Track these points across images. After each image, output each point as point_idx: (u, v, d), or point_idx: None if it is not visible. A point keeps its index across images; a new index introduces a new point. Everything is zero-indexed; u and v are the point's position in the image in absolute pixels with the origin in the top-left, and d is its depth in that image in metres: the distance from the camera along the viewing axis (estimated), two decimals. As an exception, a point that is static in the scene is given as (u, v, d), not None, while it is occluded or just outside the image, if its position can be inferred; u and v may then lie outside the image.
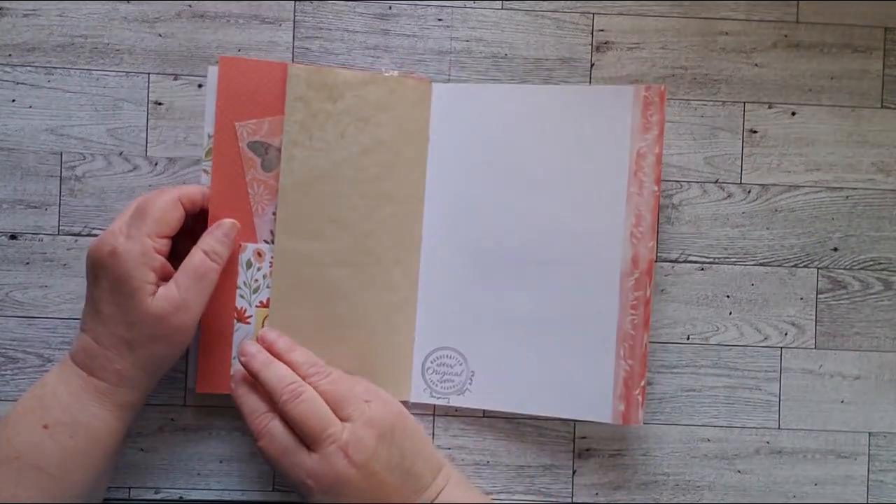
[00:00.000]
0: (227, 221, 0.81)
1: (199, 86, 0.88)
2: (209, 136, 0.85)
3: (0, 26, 0.87)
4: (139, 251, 0.74)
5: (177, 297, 0.75)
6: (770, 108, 0.90)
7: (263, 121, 0.84)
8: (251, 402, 0.78)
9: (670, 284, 0.90)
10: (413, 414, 0.88)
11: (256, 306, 0.85)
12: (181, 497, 0.88)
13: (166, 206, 0.77)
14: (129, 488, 0.87)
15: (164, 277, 0.77)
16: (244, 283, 0.84)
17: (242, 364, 0.78)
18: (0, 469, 0.72)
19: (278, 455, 0.75)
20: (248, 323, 0.85)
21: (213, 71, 0.84)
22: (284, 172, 0.84)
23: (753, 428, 0.90)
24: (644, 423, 0.89)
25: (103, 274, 0.75)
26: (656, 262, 0.90)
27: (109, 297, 0.75)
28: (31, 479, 0.72)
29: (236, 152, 0.84)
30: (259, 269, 0.84)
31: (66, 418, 0.74)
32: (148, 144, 0.88)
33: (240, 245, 0.84)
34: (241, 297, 0.84)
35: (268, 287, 0.84)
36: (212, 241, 0.79)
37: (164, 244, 0.77)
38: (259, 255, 0.84)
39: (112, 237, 0.75)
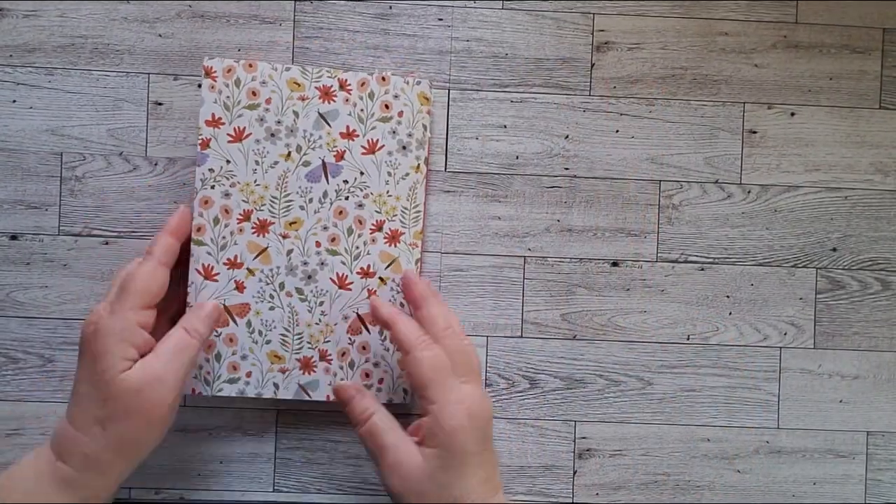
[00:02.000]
0: (210, 304, 0.80)
1: (199, 86, 0.88)
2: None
3: (0, 27, 0.87)
4: (120, 327, 0.73)
5: (154, 369, 0.73)
6: (769, 108, 0.91)
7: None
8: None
9: (670, 284, 0.90)
10: (411, 414, 0.89)
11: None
12: (182, 497, 0.88)
13: (147, 276, 0.76)
14: (130, 489, 0.87)
15: (147, 352, 0.75)
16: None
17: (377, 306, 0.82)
18: None
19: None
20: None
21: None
22: None
23: (753, 428, 0.91)
24: (644, 423, 0.89)
25: (85, 351, 0.74)
26: (657, 262, 0.90)
27: (87, 376, 0.73)
28: None
29: None
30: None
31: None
32: (148, 145, 0.88)
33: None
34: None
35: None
36: (193, 319, 0.78)
37: (149, 315, 0.76)
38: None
39: (96, 315, 0.74)
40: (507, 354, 0.89)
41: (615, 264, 0.90)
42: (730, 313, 0.91)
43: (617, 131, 0.90)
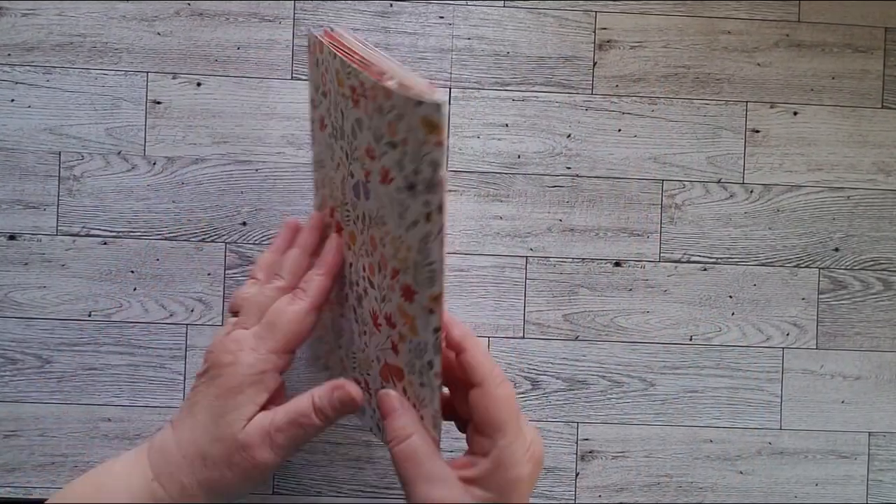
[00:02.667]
0: (351, 392, 0.70)
1: (198, 84, 0.88)
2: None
3: (-2, 25, 0.87)
4: (261, 369, 0.70)
5: (267, 432, 0.69)
6: (772, 107, 0.90)
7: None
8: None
9: (673, 285, 0.90)
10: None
11: None
12: (181, 499, 0.88)
13: (299, 319, 0.71)
14: None
15: (274, 398, 0.72)
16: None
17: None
18: None
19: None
20: None
21: None
22: None
23: (755, 429, 0.90)
24: (647, 425, 0.89)
25: (216, 376, 0.70)
26: (659, 262, 0.90)
27: (210, 404, 0.70)
28: None
29: None
30: None
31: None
32: (146, 144, 0.88)
33: None
34: None
35: None
36: (326, 401, 0.70)
37: (289, 359, 0.72)
38: None
39: (236, 345, 0.70)
40: (508, 355, 0.89)
41: (617, 264, 0.90)
42: (732, 313, 0.90)
43: (619, 130, 0.89)
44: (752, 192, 0.90)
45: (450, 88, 0.89)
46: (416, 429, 0.68)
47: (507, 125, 0.89)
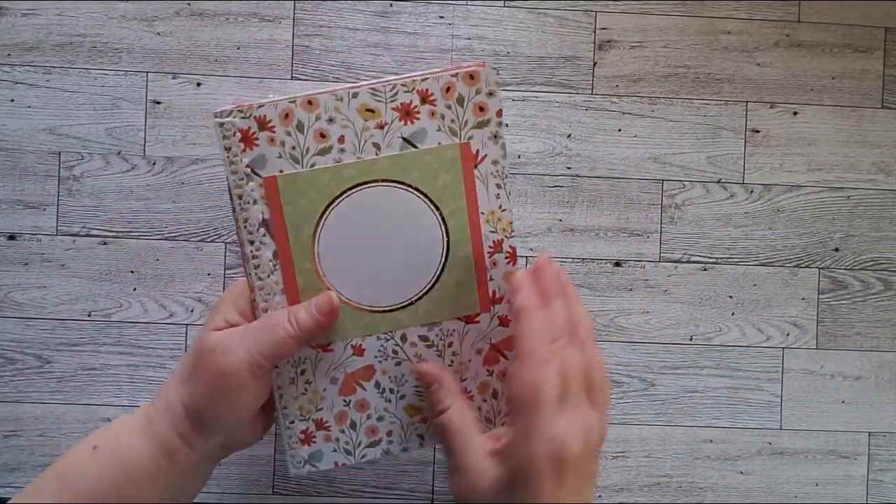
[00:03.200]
0: (326, 294, 0.72)
1: (198, 84, 0.88)
2: None
3: (-2, 25, 0.87)
4: (236, 292, 0.73)
5: (235, 335, 0.69)
6: (772, 107, 0.90)
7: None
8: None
9: (673, 285, 0.90)
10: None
11: None
12: (181, 499, 0.88)
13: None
14: None
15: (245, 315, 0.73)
16: None
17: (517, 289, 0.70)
18: (48, 487, 0.69)
19: None
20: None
21: None
22: None
23: (756, 429, 0.90)
24: (647, 425, 0.89)
25: (200, 354, 0.70)
26: (659, 262, 0.90)
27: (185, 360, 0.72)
28: (67, 500, 0.68)
29: None
30: None
31: (111, 442, 0.70)
32: (146, 144, 0.88)
33: None
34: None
35: None
36: (300, 308, 0.71)
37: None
38: None
39: (227, 339, 0.70)
40: (508, 355, 0.89)
41: (617, 264, 0.90)
42: (732, 314, 0.90)
43: (619, 130, 0.89)
44: (752, 192, 0.90)
45: (450, 88, 0.89)
46: (454, 401, 0.72)
47: (507, 125, 0.89)
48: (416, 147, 0.72)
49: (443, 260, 0.74)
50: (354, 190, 0.72)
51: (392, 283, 0.74)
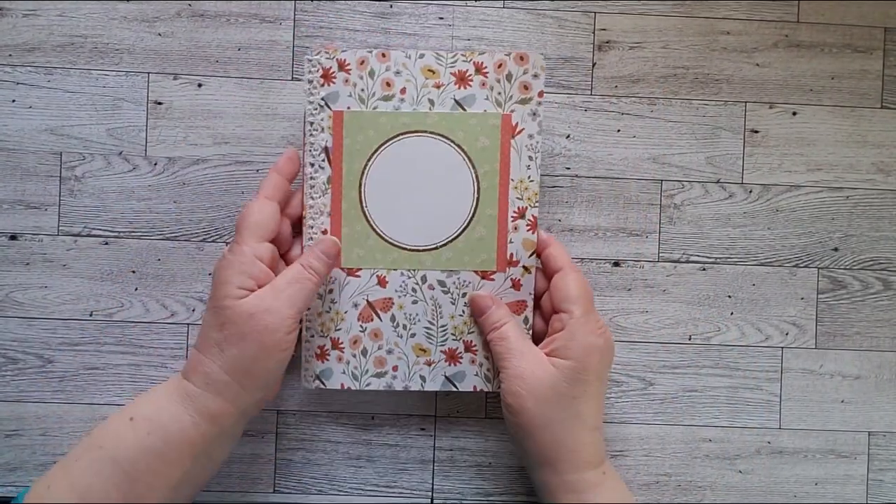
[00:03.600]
0: (328, 240, 0.82)
1: (199, 85, 0.88)
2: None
3: (0, 26, 0.87)
4: (238, 260, 0.76)
5: (268, 297, 0.76)
6: (771, 107, 0.90)
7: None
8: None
9: (672, 284, 0.90)
10: (412, 415, 0.89)
11: None
12: (182, 498, 0.89)
13: (256, 210, 0.79)
14: None
15: (266, 284, 0.78)
16: None
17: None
18: (84, 457, 0.73)
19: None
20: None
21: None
22: None
23: (755, 428, 0.91)
24: (646, 424, 0.89)
25: (212, 282, 0.77)
26: (658, 261, 0.90)
27: (210, 305, 0.77)
28: (107, 471, 0.72)
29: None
30: None
31: (149, 412, 0.74)
32: (147, 144, 0.88)
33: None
34: None
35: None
36: (310, 256, 0.80)
37: (266, 248, 0.79)
38: None
39: (222, 254, 0.78)
40: (508, 355, 0.89)
41: (616, 264, 0.90)
42: (731, 313, 0.90)
43: (618, 131, 0.90)
44: (750, 192, 0.90)
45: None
46: (509, 318, 0.83)
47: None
48: (464, 109, 0.84)
49: (471, 214, 0.84)
50: (406, 136, 0.84)
51: (422, 226, 0.85)
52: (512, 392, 0.79)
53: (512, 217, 0.84)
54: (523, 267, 0.85)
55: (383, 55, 0.83)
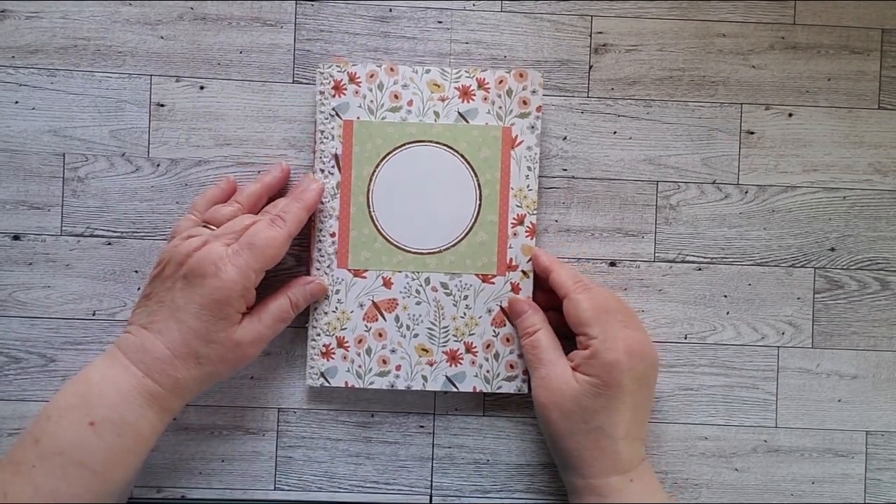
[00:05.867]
0: (320, 285, 0.87)
1: (201, 87, 0.89)
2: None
3: (3, 28, 0.88)
4: (244, 286, 0.78)
5: (259, 332, 0.81)
6: (767, 109, 0.91)
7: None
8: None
9: (668, 284, 0.90)
10: (411, 413, 0.89)
11: None
12: (183, 496, 0.89)
13: (279, 245, 0.81)
14: (132, 487, 0.88)
15: (250, 304, 0.81)
16: None
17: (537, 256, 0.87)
18: (43, 464, 0.72)
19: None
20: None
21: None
22: None
23: (751, 426, 0.91)
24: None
25: (200, 286, 0.77)
26: (654, 261, 0.90)
27: (198, 312, 0.77)
28: (74, 475, 0.73)
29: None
30: None
31: (113, 417, 0.75)
32: (150, 146, 0.89)
33: None
34: None
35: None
36: (299, 294, 0.85)
37: (262, 276, 0.81)
38: None
39: (220, 259, 0.78)
40: (506, 354, 0.90)
41: (613, 264, 0.90)
42: (727, 313, 0.91)
43: (615, 132, 0.90)
44: (746, 192, 0.91)
45: (448, 91, 0.90)
46: (543, 325, 0.85)
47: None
48: (467, 122, 0.88)
49: (473, 220, 0.88)
50: (412, 145, 0.88)
51: (426, 230, 0.88)
52: (539, 401, 0.82)
53: (512, 223, 0.88)
54: (522, 271, 0.88)
55: (391, 69, 0.87)
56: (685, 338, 0.90)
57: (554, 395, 0.80)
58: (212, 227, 0.83)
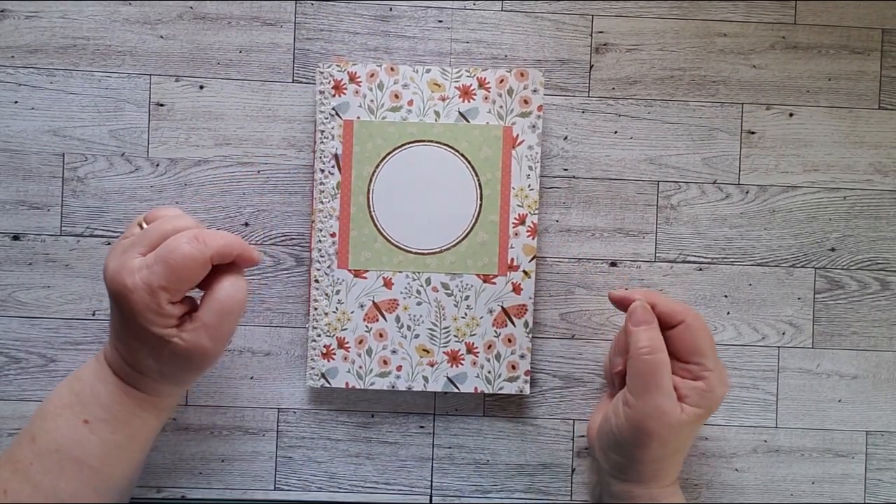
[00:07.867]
0: (255, 254, 0.75)
1: (201, 87, 0.89)
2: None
3: (3, 28, 0.88)
4: (154, 307, 0.70)
5: (204, 338, 0.72)
6: (768, 109, 0.91)
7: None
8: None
9: (669, 284, 0.90)
10: (412, 413, 0.89)
11: None
12: (183, 496, 0.89)
13: (194, 265, 0.70)
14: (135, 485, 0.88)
15: (190, 309, 0.73)
16: None
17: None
18: (40, 461, 0.73)
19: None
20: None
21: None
22: None
23: (751, 427, 0.91)
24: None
25: (122, 305, 0.71)
26: (654, 261, 0.90)
27: (133, 333, 0.72)
28: (72, 471, 0.73)
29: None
30: None
31: (106, 416, 0.74)
32: (150, 146, 0.88)
33: None
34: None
35: None
36: (238, 275, 0.74)
37: (184, 292, 0.72)
38: None
39: (129, 272, 0.70)
40: (506, 354, 0.90)
41: (613, 264, 0.90)
42: (728, 313, 0.91)
43: (615, 132, 0.90)
44: (747, 192, 0.90)
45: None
46: (661, 346, 0.79)
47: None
48: (468, 121, 0.87)
49: (474, 220, 0.88)
50: (412, 145, 0.88)
51: (427, 230, 0.88)
52: (643, 429, 0.77)
53: (513, 223, 0.88)
54: (523, 271, 0.88)
55: (392, 69, 0.87)
56: (686, 338, 0.90)
57: (664, 428, 0.76)
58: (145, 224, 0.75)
